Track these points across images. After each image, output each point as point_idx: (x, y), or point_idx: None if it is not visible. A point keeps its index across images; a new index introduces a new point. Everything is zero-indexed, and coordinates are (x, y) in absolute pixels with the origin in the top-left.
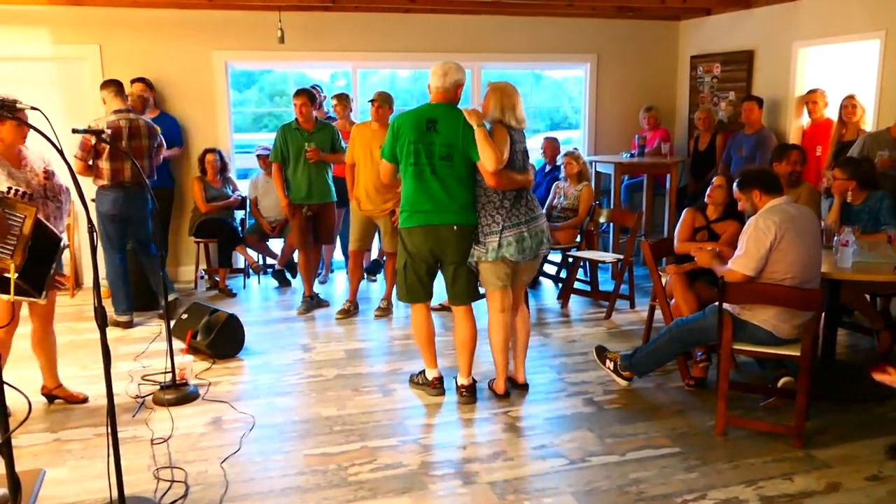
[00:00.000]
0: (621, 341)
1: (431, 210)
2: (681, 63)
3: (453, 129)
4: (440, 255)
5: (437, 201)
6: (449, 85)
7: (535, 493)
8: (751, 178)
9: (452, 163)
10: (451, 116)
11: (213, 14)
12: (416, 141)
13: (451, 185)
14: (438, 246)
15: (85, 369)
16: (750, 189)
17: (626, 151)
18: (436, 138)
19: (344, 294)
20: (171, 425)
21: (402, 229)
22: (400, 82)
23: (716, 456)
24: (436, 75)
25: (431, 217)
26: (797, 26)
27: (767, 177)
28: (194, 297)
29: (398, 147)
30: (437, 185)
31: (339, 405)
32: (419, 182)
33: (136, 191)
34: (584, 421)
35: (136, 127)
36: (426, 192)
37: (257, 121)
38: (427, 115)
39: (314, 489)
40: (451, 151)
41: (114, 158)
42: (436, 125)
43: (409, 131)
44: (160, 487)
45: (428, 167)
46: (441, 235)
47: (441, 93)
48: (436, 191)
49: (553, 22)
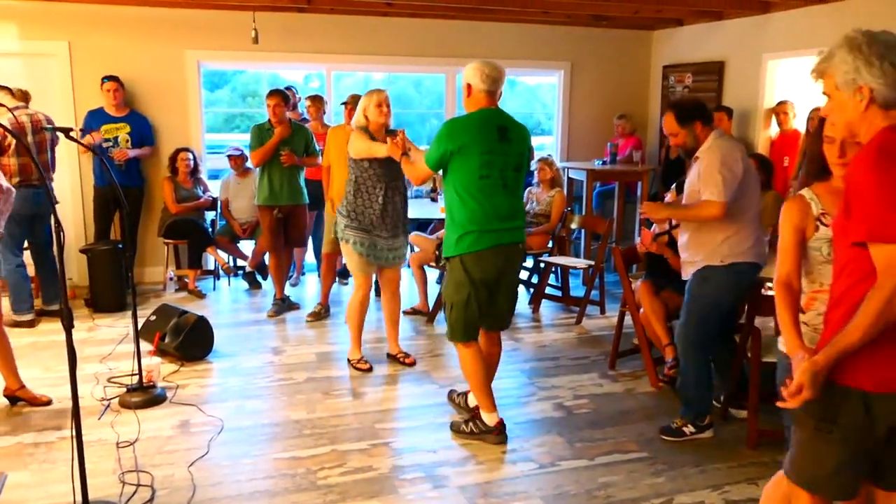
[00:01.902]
0: (591, 347)
1: (504, 228)
2: (653, 72)
3: (522, 137)
4: (502, 279)
5: (510, 218)
6: (501, 90)
7: (504, 497)
8: (690, 108)
9: (520, 174)
10: (517, 124)
11: (186, 13)
12: (491, 151)
13: (519, 198)
14: (507, 267)
15: (49, 371)
16: (692, 121)
17: (599, 158)
18: (509, 148)
19: (315, 297)
20: (137, 428)
21: (469, 255)
22: (374, 85)
23: (683, 461)
24: (491, 78)
25: (503, 236)
26: (767, 39)
27: (705, 107)
28: (163, 298)
29: (463, 158)
30: (510, 199)
31: (309, 408)
32: (493, 198)
33: (42, 189)
34: (554, 426)
35: (38, 121)
36: (499, 208)
37: (229, 121)
38: (497, 123)
39: (283, 493)
40: (522, 162)
41: (20, 155)
42: (507, 133)
43: (479, 141)
44: (125, 492)
45: (502, 180)
46: (510, 255)
47: (496, 98)
48: (509, 206)
49: (528, 28)
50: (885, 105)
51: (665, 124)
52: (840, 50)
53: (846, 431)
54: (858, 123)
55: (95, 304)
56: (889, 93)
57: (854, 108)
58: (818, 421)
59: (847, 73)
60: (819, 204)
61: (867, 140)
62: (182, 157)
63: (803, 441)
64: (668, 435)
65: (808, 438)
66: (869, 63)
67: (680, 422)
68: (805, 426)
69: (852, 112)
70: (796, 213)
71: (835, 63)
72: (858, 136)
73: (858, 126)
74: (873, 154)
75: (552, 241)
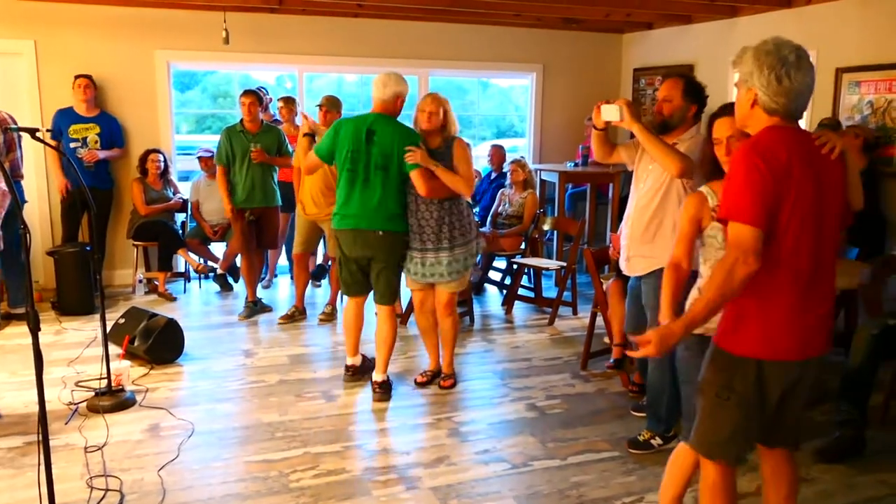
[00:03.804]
0: (564, 347)
1: (356, 215)
2: (624, 75)
3: (389, 140)
4: (369, 257)
5: (362, 208)
6: (388, 97)
7: (477, 497)
8: (700, 91)
9: (388, 174)
10: (389, 128)
11: (156, 12)
12: (355, 150)
13: (381, 194)
14: (367, 248)
15: (15, 375)
16: (693, 102)
17: (571, 161)
18: (373, 149)
19: (288, 299)
20: (106, 433)
21: (335, 230)
22: (347, 86)
23: (654, 459)
24: (376, 86)
25: (356, 222)
26: (735, 42)
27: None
28: (132, 301)
29: (337, 150)
30: (367, 193)
31: (282, 411)
32: (352, 189)
33: None
34: (526, 426)
35: (3, 119)
36: (353, 199)
37: (200, 122)
38: (367, 126)
39: (255, 496)
40: (387, 163)
41: None
42: (373, 136)
43: (349, 140)
44: (94, 497)
45: (363, 175)
46: (367, 240)
47: (380, 104)
48: (363, 199)
49: (500, 31)
50: (766, 110)
51: (666, 87)
52: (749, 50)
53: (741, 397)
54: (747, 118)
55: (63, 306)
56: (768, 101)
57: (745, 105)
58: (718, 388)
59: (745, 72)
60: (715, 198)
61: None
62: (152, 159)
63: (704, 409)
64: (636, 448)
65: (709, 406)
66: (760, 70)
67: (647, 434)
68: (707, 395)
69: (744, 108)
70: (694, 205)
71: (743, 60)
72: (748, 129)
73: (747, 120)
74: (746, 148)
75: (525, 242)
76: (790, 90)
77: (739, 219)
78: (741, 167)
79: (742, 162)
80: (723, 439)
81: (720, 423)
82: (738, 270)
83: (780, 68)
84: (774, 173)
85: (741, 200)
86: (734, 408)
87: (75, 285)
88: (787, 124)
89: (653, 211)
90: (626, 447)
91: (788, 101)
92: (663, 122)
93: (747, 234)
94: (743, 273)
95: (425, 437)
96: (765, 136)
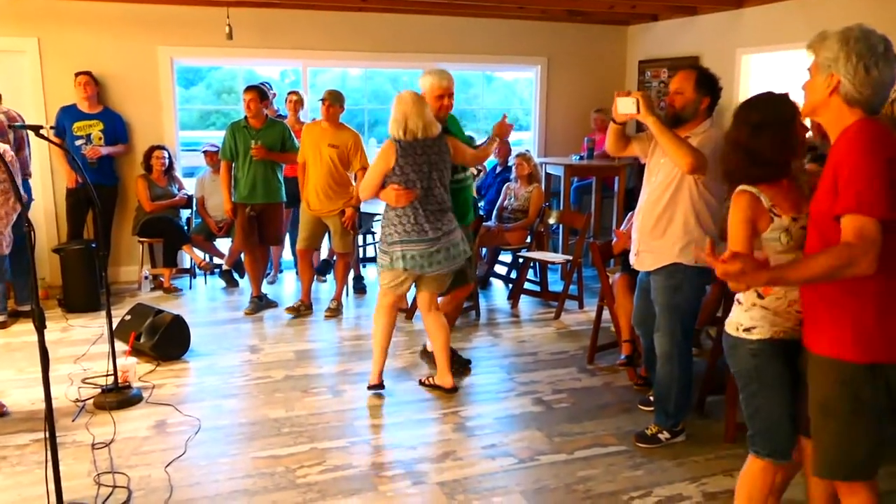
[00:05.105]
0: (570, 341)
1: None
2: (629, 67)
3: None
4: None
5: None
6: None
7: (484, 492)
8: (714, 83)
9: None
10: None
11: (159, 8)
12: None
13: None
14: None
15: (22, 373)
16: (706, 94)
17: (576, 154)
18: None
19: (293, 294)
20: (113, 429)
21: None
22: (351, 80)
23: (661, 454)
24: None
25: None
26: (741, 34)
27: (719, 93)
28: (138, 297)
29: None
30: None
31: (288, 406)
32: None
33: None
34: (533, 420)
35: (12, 118)
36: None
37: (204, 118)
38: None
39: (262, 492)
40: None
41: None
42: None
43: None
44: (101, 493)
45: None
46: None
47: None
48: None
49: (504, 24)
50: (846, 100)
51: (678, 79)
52: (833, 35)
53: (872, 407)
54: (821, 106)
55: (69, 304)
56: (852, 91)
57: (821, 92)
58: (848, 402)
59: (827, 58)
60: (766, 198)
61: (832, 127)
62: (156, 155)
63: (833, 429)
64: (644, 442)
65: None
66: (847, 57)
67: (655, 428)
68: (835, 413)
69: (819, 94)
70: (749, 206)
71: (825, 45)
72: (819, 117)
73: (821, 108)
74: (865, 138)
75: (530, 236)
76: (877, 82)
77: (867, 212)
78: (865, 157)
79: (868, 154)
80: (863, 457)
81: (856, 439)
82: (860, 263)
83: (870, 57)
84: (893, 165)
85: (868, 193)
86: (868, 420)
87: (81, 282)
88: (872, 117)
89: (663, 206)
90: (634, 441)
91: (873, 92)
92: (675, 115)
93: (873, 229)
94: (864, 267)
95: (432, 432)
96: (873, 127)
